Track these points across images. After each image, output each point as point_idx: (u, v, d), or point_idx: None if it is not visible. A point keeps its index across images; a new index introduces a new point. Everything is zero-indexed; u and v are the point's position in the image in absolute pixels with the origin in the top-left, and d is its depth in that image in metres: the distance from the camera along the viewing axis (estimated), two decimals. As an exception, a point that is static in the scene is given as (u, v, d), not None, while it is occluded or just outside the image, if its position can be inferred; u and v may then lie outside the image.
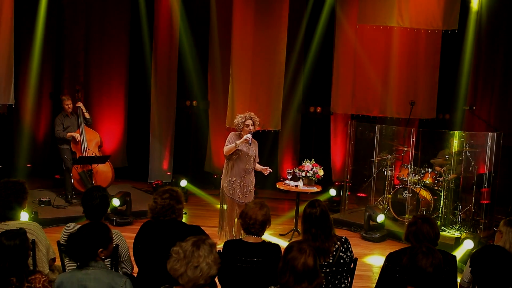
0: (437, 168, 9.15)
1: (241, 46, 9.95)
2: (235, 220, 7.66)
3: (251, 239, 4.22)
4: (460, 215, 8.87)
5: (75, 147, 9.19)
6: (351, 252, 4.32)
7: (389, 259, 4.15)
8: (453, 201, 8.90)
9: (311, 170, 8.13)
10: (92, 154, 9.23)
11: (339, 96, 10.31)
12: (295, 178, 8.25)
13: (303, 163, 8.26)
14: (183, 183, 10.11)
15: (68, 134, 9.12)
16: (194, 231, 4.27)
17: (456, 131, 8.86)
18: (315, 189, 8.14)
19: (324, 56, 10.73)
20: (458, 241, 7.45)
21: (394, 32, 9.71)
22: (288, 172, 8.15)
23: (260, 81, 10.06)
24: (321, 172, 8.19)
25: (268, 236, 8.24)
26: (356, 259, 4.37)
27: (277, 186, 8.33)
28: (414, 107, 9.71)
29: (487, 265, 3.44)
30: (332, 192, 9.90)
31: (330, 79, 10.52)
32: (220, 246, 4.20)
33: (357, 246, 8.08)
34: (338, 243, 4.26)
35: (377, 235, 8.26)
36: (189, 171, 11.25)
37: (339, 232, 8.65)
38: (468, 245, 7.18)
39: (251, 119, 7.20)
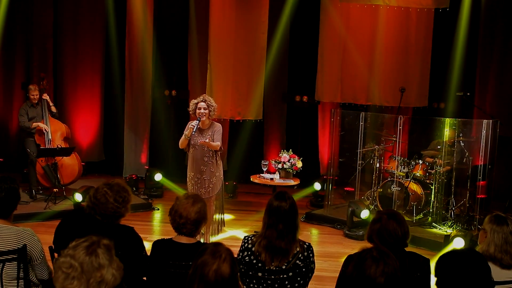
0: (429, 159, 8.46)
1: (219, 30, 9.31)
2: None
3: (183, 239, 3.55)
4: (453, 211, 8.18)
5: (39, 139, 8.57)
6: (312, 262, 3.63)
7: (347, 263, 3.47)
8: (446, 195, 8.24)
9: (288, 161, 7.46)
10: (57, 146, 8.59)
11: (324, 83, 9.61)
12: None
13: (280, 154, 7.60)
14: (158, 177, 9.47)
15: (34, 124, 8.50)
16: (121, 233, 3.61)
17: (447, 119, 8.12)
18: (292, 182, 7.45)
19: (310, 41, 10.01)
20: (447, 239, 6.75)
21: (382, 12, 9.03)
22: (263, 164, 7.46)
23: (239, 68, 9.41)
24: (299, 164, 7.51)
25: (244, 234, 7.58)
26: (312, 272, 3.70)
27: (251, 180, 7.63)
28: (405, 94, 9.02)
29: (454, 276, 2.73)
30: (317, 186, 9.24)
31: (316, 66, 9.81)
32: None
33: (339, 245, 7.44)
34: (298, 248, 3.58)
35: (361, 232, 7.55)
36: (168, 164, 10.58)
37: (321, 229, 8.13)
38: (458, 243, 6.49)
39: (204, 102, 6.40)
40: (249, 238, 3.65)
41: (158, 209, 8.75)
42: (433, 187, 8.12)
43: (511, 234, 3.54)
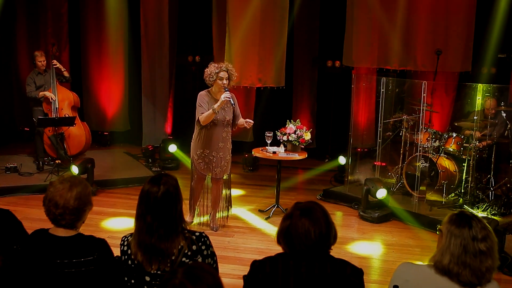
0: (467, 132, 7.38)
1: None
2: (203, 196, 6.37)
3: (60, 231, 2.89)
4: (492, 191, 7.11)
5: (47, 108, 8.21)
6: (207, 256, 2.87)
7: (251, 270, 2.70)
8: (483, 173, 7.17)
9: (294, 133, 6.65)
10: (65, 115, 8.20)
11: (353, 46, 8.55)
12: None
13: (286, 125, 6.80)
14: (172, 148, 8.91)
15: (41, 93, 8.13)
16: None
17: (479, 84, 6.98)
18: (297, 156, 6.62)
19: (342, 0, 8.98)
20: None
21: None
22: (267, 136, 6.68)
23: (260, 31, 8.55)
24: (307, 136, 6.68)
25: (246, 213, 6.92)
26: (215, 263, 2.96)
27: (253, 153, 6.89)
28: (445, 58, 7.89)
29: None
30: (342, 160, 8.36)
31: (349, 28, 8.80)
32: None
33: (351, 228, 6.58)
34: (183, 242, 2.85)
35: (376, 214, 6.66)
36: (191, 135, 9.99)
37: (337, 208, 7.28)
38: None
39: (226, 71, 5.79)
40: (126, 239, 2.94)
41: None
42: (467, 164, 7.06)
43: (473, 240, 2.54)
